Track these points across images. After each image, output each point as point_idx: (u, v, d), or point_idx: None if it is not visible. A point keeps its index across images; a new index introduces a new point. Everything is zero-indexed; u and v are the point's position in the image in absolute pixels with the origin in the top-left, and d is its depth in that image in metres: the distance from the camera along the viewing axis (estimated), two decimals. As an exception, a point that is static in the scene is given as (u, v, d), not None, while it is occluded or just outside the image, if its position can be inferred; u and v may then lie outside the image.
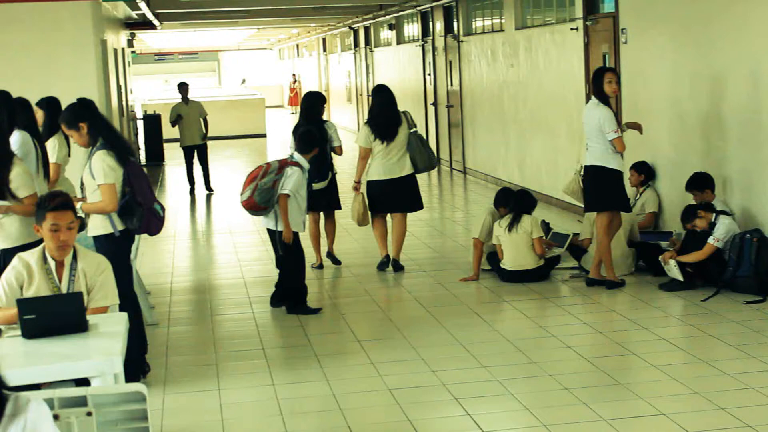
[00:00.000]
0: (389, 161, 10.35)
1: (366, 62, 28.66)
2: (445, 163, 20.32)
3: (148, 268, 10.94)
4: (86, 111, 7.02)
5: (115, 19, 20.15)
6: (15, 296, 5.39)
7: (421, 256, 11.32)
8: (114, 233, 6.89)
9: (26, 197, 6.86)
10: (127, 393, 4.11)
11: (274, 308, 9.17)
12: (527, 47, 15.14)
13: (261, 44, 52.05)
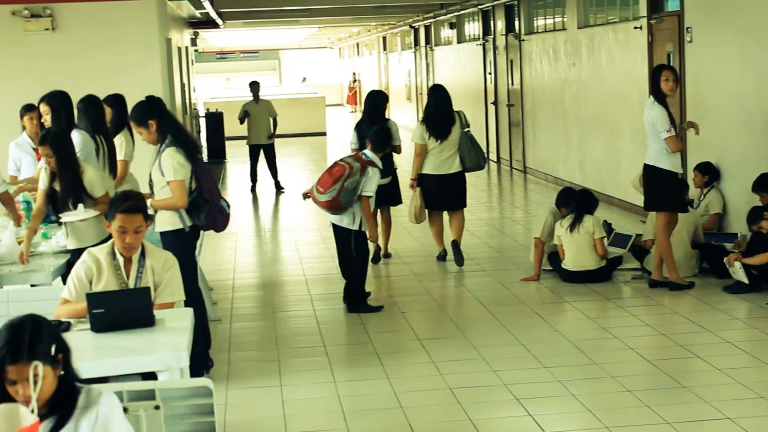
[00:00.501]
0: (441, 158, 10.62)
1: (426, 61, 28.66)
2: (505, 163, 20.27)
3: (211, 264, 11.03)
4: (155, 108, 7.12)
5: (180, 18, 20.35)
6: (84, 290, 5.47)
7: (481, 256, 11.30)
8: (183, 229, 6.99)
9: (100, 197, 7.00)
10: (194, 387, 4.16)
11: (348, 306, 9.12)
12: (589, 46, 15.06)
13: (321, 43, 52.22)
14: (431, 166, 10.66)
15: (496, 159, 20.89)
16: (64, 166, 7.05)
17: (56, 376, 3.44)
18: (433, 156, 10.62)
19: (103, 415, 3.50)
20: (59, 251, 7.28)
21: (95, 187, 7.05)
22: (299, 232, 13.54)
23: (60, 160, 7.04)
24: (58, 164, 7.06)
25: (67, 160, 7.06)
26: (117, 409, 3.56)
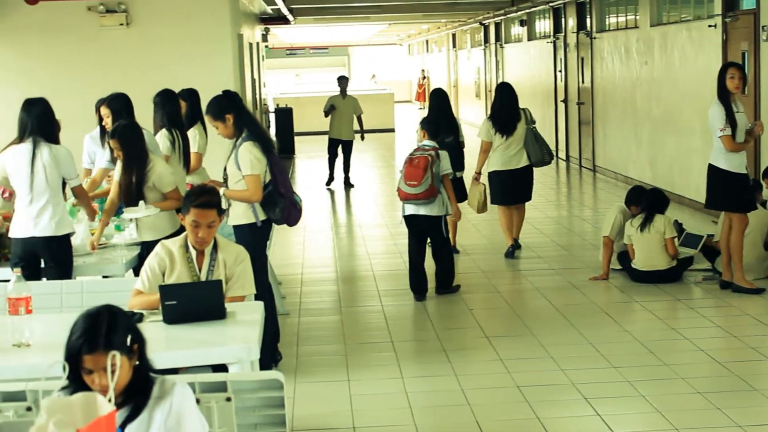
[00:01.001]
0: (507, 154, 10.90)
1: (496, 58, 28.56)
2: (574, 161, 20.14)
3: (279, 258, 11.10)
4: (232, 103, 7.19)
5: (251, 14, 20.49)
6: (157, 282, 5.54)
7: (549, 254, 11.25)
8: (256, 223, 7.06)
9: (168, 192, 7.09)
10: (265, 380, 4.19)
11: (440, 295, 9.45)
12: (662, 44, 14.91)
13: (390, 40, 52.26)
14: (499, 162, 10.94)
15: (565, 157, 20.76)
16: (131, 160, 7.14)
17: (131, 367, 3.49)
18: (500, 152, 10.89)
19: (176, 405, 3.54)
20: (132, 243, 7.37)
21: (164, 182, 7.14)
22: (367, 227, 13.58)
23: (126, 153, 7.13)
24: (125, 157, 7.15)
25: (133, 154, 7.14)
26: (190, 400, 3.60)
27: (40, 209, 6.69)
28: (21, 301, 4.94)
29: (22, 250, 6.68)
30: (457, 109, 35.53)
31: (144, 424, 3.51)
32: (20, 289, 4.97)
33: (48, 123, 6.88)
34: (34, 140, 6.76)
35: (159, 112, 8.19)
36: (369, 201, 16.47)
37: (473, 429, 6.09)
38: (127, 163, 7.15)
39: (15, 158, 6.81)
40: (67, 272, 6.71)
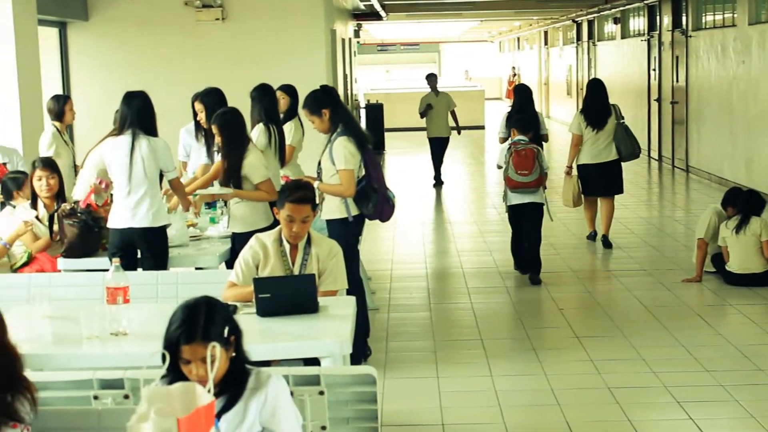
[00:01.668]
0: (597, 147, 11.25)
1: (588, 56, 28.30)
2: (666, 161, 19.87)
3: (369, 254, 11.13)
4: (329, 98, 7.24)
5: (344, 10, 20.59)
6: (251, 275, 5.60)
7: (641, 255, 11.12)
8: (348, 218, 7.10)
9: (259, 183, 7.14)
10: (358, 375, 4.21)
11: (523, 274, 10.08)
12: (761, 43, 14.63)
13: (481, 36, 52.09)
14: (589, 155, 11.29)
15: (657, 157, 20.50)
16: (229, 147, 7.21)
17: (228, 358, 3.54)
18: (589, 145, 11.25)
19: (271, 397, 3.58)
20: (225, 236, 7.45)
21: (254, 173, 7.18)
22: (457, 224, 13.56)
23: (225, 140, 7.21)
24: (223, 144, 7.24)
25: (232, 141, 7.21)
26: (285, 392, 3.64)
27: (138, 200, 6.80)
28: (119, 290, 5.03)
29: (120, 240, 6.80)
30: (547, 107, 35.30)
31: (239, 414, 3.55)
32: (119, 279, 5.06)
33: (148, 116, 6.98)
34: (133, 132, 6.87)
35: (256, 107, 8.27)
36: (459, 198, 16.43)
37: (563, 429, 6.05)
38: (226, 149, 7.23)
39: (114, 150, 6.93)
40: (162, 263, 6.81)
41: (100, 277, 6.14)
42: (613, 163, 11.30)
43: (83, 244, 6.91)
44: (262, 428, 3.58)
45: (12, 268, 7.03)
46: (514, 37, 46.51)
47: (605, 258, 10.96)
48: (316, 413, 4.11)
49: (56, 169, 7.47)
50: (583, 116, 11.29)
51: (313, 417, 4.10)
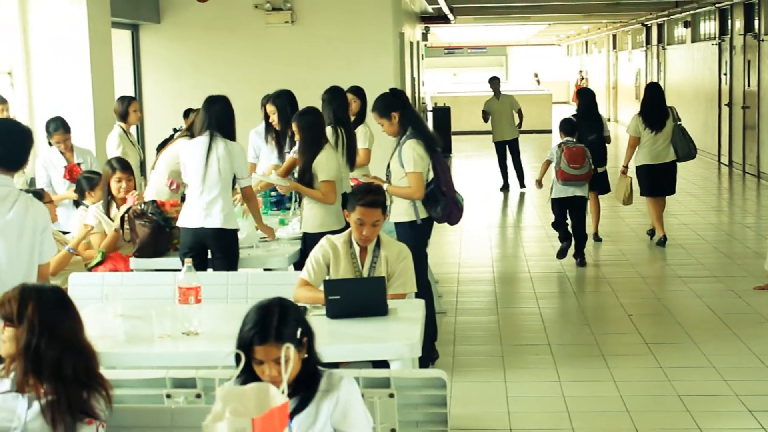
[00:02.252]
0: (656, 149, 11.60)
1: (657, 60, 28.03)
2: (737, 166, 19.60)
3: (436, 257, 11.09)
4: (398, 101, 7.26)
5: (412, 13, 20.60)
6: (322, 273, 5.63)
7: (711, 261, 10.99)
8: (416, 221, 7.10)
9: (322, 182, 7.16)
10: (428, 378, 4.21)
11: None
12: (836, 48, 14.39)
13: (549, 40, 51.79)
14: (648, 156, 11.64)
15: (728, 162, 20.23)
16: (305, 144, 7.27)
17: (300, 359, 3.55)
18: (648, 147, 11.59)
19: (343, 399, 3.59)
20: (295, 238, 7.48)
21: (320, 170, 7.22)
22: (525, 228, 13.52)
23: (303, 139, 7.27)
24: (301, 143, 7.30)
25: (308, 139, 7.26)
26: (357, 394, 3.64)
27: (210, 201, 6.85)
28: (191, 290, 5.07)
29: (192, 240, 6.85)
30: (615, 111, 35.01)
31: (311, 416, 3.57)
32: (190, 279, 5.10)
33: (227, 120, 7.04)
34: (211, 134, 6.93)
35: (326, 109, 8.30)
36: (527, 202, 16.36)
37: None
38: (302, 147, 7.28)
39: (190, 150, 6.99)
40: (233, 264, 6.86)
41: (171, 277, 6.21)
42: (670, 164, 11.65)
43: (155, 244, 6.99)
44: (333, 430, 3.59)
45: (86, 267, 7.12)
46: (582, 40, 46.20)
47: (675, 264, 10.85)
48: (386, 416, 4.12)
49: (132, 172, 7.56)
50: (641, 118, 11.62)
51: (383, 419, 4.11)
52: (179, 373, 4.28)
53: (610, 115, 34.86)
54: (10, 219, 4.79)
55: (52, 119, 8.95)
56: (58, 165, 8.73)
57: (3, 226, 4.77)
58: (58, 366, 3.54)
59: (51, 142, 8.86)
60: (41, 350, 3.53)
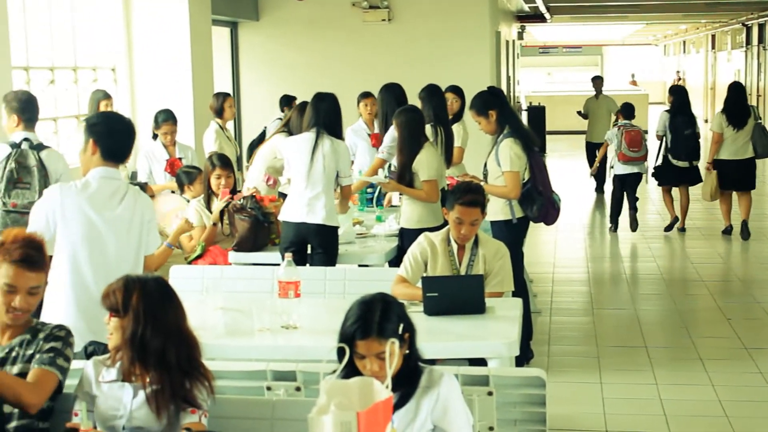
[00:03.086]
0: (736, 145, 12.10)
1: (758, 60, 27.51)
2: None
3: (530, 256, 11.01)
4: (496, 99, 7.24)
5: (509, 12, 20.53)
6: (419, 270, 5.64)
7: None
8: (512, 220, 7.08)
9: (423, 181, 7.16)
10: (527, 377, 4.19)
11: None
12: None
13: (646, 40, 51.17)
14: (728, 152, 12.14)
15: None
16: (405, 144, 7.27)
17: (402, 355, 3.56)
18: (729, 143, 12.11)
19: (443, 396, 3.59)
20: (392, 234, 7.50)
21: (421, 169, 7.21)
22: (620, 230, 13.35)
23: (402, 137, 7.28)
24: (400, 140, 7.30)
25: (408, 139, 7.26)
26: (457, 391, 3.64)
27: (314, 197, 6.88)
28: (291, 285, 5.12)
29: (293, 235, 6.90)
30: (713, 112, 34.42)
31: (411, 412, 3.58)
32: (290, 274, 5.15)
33: (334, 118, 7.08)
34: (317, 131, 6.98)
35: (425, 107, 8.30)
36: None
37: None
38: (402, 145, 7.29)
39: (296, 146, 7.03)
40: (332, 260, 6.90)
41: (269, 272, 6.28)
42: (748, 160, 12.14)
43: (254, 238, 7.06)
44: (433, 426, 3.60)
45: (186, 260, 7.23)
46: (679, 40, 45.55)
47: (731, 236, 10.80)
48: (484, 413, 4.11)
49: (232, 168, 7.64)
50: (724, 116, 12.20)
51: (481, 417, 4.10)
52: (280, 366, 4.32)
53: (707, 116, 34.31)
54: (120, 212, 4.89)
55: (161, 110, 9.09)
56: (161, 158, 8.88)
57: (113, 219, 4.87)
58: (162, 355, 3.61)
59: (156, 134, 9.00)
60: (146, 339, 3.60)
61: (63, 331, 3.88)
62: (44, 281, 3.91)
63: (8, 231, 3.89)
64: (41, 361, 3.75)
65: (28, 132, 6.63)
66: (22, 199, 6.41)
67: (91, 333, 4.52)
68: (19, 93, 6.85)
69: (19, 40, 9.32)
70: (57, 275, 4.75)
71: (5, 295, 3.78)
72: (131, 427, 3.64)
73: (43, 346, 3.80)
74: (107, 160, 4.92)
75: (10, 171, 6.42)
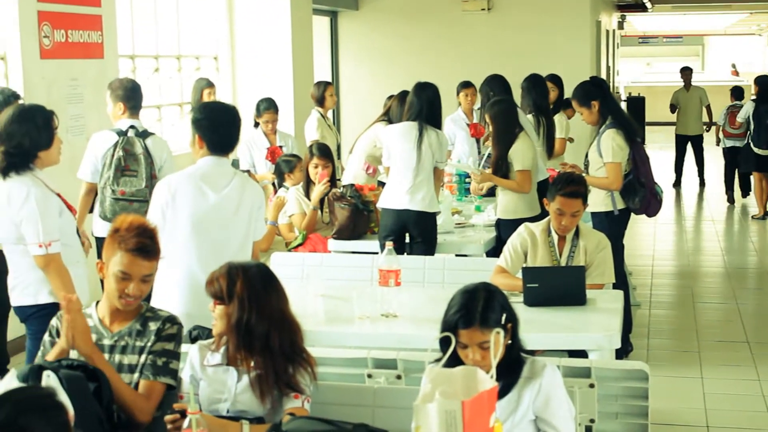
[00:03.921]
0: None
1: None
2: None
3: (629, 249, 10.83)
4: (599, 90, 7.18)
5: (609, 2, 20.29)
6: (519, 261, 5.63)
7: None
8: (613, 211, 7.02)
9: (518, 171, 7.13)
10: (630, 370, 4.15)
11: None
12: None
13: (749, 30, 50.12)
14: None
15: None
16: (499, 135, 7.28)
17: (504, 345, 3.55)
18: None
19: (545, 387, 3.57)
20: (490, 224, 7.49)
21: (515, 159, 7.20)
22: (719, 223, 13.17)
23: (496, 128, 7.28)
24: (494, 132, 7.31)
25: (502, 130, 7.27)
26: (559, 383, 3.62)
27: (416, 185, 6.90)
28: (391, 273, 5.14)
29: (393, 222, 6.93)
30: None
31: (513, 402, 3.57)
32: (391, 262, 5.17)
33: (436, 107, 7.09)
34: (420, 121, 7.00)
35: (526, 97, 8.27)
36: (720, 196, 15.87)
37: (837, 441, 5.79)
38: (495, 136, 7.31)
39: (399, 135, 7.05)
40: (431, 248, 6.91)
41: (368, 260, 6.32)
42: None
43: (353, 226, 7.11)
44: (534, 417, 3.59)
45: (287, 247, 7.31)
46: (784, 30, 44.53)
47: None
48: (585, 406, 4.08)
49: (332, 158, 7.70)
50: None
51: (582, 409, 4.07)
52: (380, 353, 4.35)
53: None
54: (228, 194, 4.94)
55: (263, 99, 9.18)
56: (261, 147, 8.97)
57: (220, 202, 4.92)
58: (266, 340, 3.65)
59: (258, 122, 9.10)
60: (251, 326, 3.65)
61: (174, 327, 3.90)
62: (156, 269, 3.96)
63: (123, 217, 3.93)
64: (154, 372, 3.79)
65: (133, 119, 6.74)
66: (129, 187, 6.52)
67: (196, 318, 4.59)
68: (124, 81, 6.96)
69: (125, 29, 9.51)
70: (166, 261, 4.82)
71: (119, 282, 3.84)
72: (235, 411, 3.69)
73: (155, 345, 3.83)
74: (214, 152, 4.98)
75: (118, 159, 6.53)
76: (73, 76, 8.14)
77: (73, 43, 8.15)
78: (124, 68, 9.50)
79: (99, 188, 6.57)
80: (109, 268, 3.86)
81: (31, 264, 4.98)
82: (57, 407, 2.59)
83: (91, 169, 6.66)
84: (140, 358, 3.83)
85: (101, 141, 6.66)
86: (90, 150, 6.70)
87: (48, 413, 2.54)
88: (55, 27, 7.90)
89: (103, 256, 3.92)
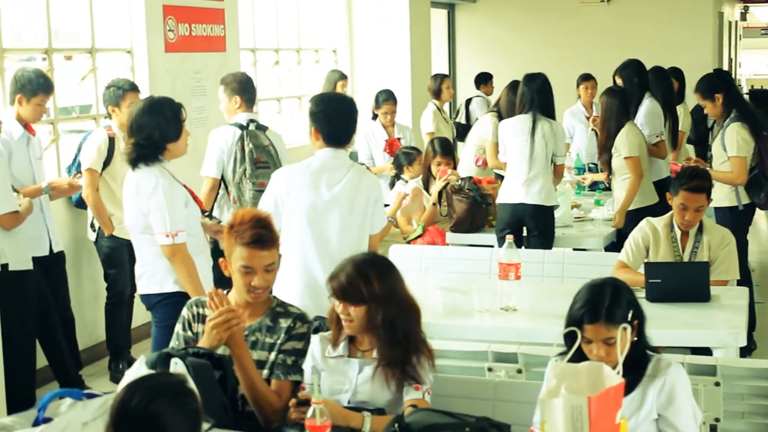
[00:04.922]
0: None
1: None
2: None
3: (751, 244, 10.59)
4: (722, 82, 7.07)
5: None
6: (641, 256, 5.56)
7: None
8: (738, 206, 6.89)
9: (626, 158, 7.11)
10: (758, 369, 4.07)
11: None
12: None
13: None
14: None
15: None
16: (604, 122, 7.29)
17: (630, 341, 3.50)
18: None
19: (669, 385, 3.52)
20: (609, 219, 7.41)
21: (621, 147, 7.20)
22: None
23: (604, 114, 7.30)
24: (602, 119, 7.29)
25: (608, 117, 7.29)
26: (684, 382, 3.56)
27: (531, 178, 6.88)
28: (511, 267, 5.11)
29: (510, 216, 6.91)
30: None
31: (637, 400, 3.52)
32: (511, 256, 5.14)
33: (548, 97, 7.05)
34: (534, 113, 6.97)
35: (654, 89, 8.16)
36: None
37: None
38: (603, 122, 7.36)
39: (514, 128, 7.04)
40: (549, 242, 6.87)
41: (486, 253, 6.30)
42: None
43: (471, 219, 7.10)
44: (658, 415, 3.53)
45: (405, 239, 7.33)
46: None
47: None
48: (710, 404, 4.02)
49: (453, 154, 7.68)
50: None
51: (707, 408, 4.01)
52: (501, 347, 4.33)
53: None
54: (343, 186, 4.95)
55: (382, 91, 9.19)
56: (380, 139, 9.00)
57: (336, 194, 4.93)
58: (390, 331, 3.65)
59: (376, 115, 9.12)
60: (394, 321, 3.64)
61: (305, 326, 3.92)
62: (278, 255, 3.99)
63: (234, 213, 3.98)
64: (285, 372, 3.82)
65: (249, 113, 6.73)
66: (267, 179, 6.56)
67: (316, 309, 4.63)
68: (238, 74, 6.97)
69: (247, 23, 9.64)
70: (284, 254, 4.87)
71: (243, 276, 3.86)
72: (356, 401, 3.70)
73: (286, 344, 3.86)
74: (330, 144, 5.00)
75: (251, 151, 6.54)
76: (196, 69, 8.29)
77: (196, 37, 8.29)
78: (245, 61, 9.63)
79: (233, 183, 6.53)
80: (232, 264, 3.90)
81: (157, 253, 5.07)
82: (187, 394, 2.65)
83: (216, 166, 6.65)
84: (269, 355, 3.86)
85: (223, 136, 6.64)
86: (212, 146, 6.65)
87: (179, 400, 2.59)
88: (179, 21, 8.05)
89: (224, 253, 3.96)
